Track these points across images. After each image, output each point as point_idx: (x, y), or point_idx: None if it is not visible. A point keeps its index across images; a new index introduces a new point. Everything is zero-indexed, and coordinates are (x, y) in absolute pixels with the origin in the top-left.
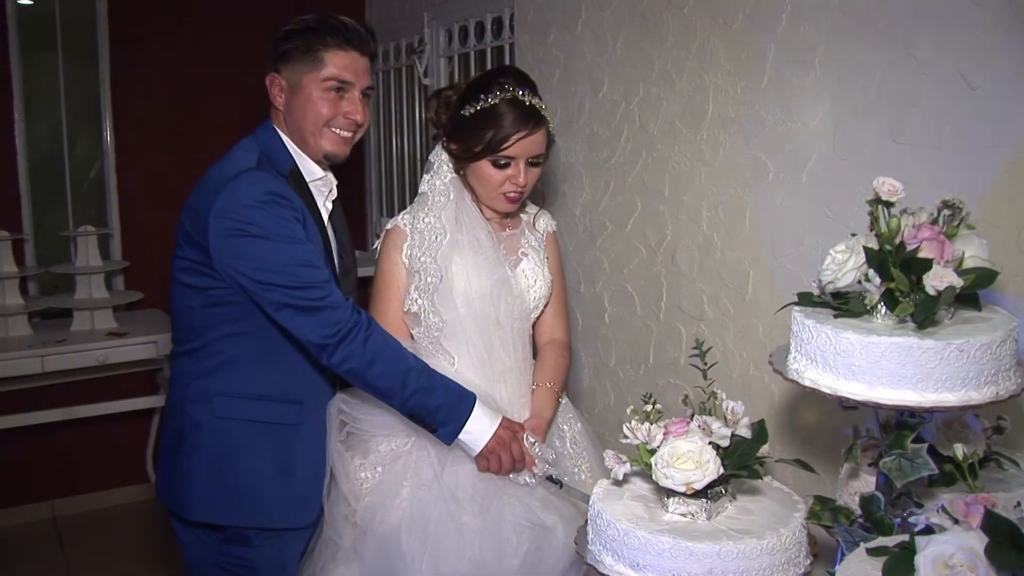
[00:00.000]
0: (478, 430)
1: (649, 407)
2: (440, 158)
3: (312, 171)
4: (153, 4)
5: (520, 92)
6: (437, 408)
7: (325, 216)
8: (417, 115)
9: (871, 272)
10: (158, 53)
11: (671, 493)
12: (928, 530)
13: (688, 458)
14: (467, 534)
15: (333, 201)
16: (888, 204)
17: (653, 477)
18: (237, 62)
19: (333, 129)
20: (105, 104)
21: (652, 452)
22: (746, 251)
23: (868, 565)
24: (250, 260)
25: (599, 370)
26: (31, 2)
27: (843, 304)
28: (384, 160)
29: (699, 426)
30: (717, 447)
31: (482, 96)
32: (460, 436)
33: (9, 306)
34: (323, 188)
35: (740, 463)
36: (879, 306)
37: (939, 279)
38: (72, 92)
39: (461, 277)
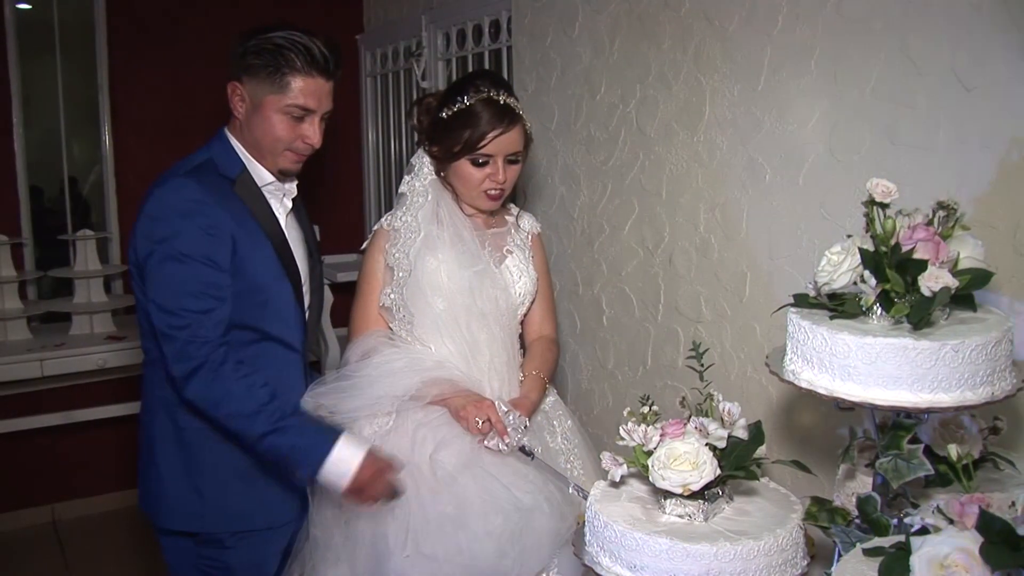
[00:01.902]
0: (338, 470)
1: (646, 409)
2: (421, 160)
3: (262, 176)
4: (151, 7)
5: (495, 92)
6: (291, 448)
7: (282, 218)
8: None
9: (867, 273)
10: (156, 57)
11: (668, 494)
12: (924, 530)
13: (685, 460)
14: (446, 521)
15: (293, 200)
16: (883, 205)
17: (650, 479)
18: None
19: (290, 151)
20: (103, 108)
21: (649, 454)
22: (743, 253)
23: (864, 566)
24: (153, 277)
25: (597, 372)
26: (29, 6)
27: (839, 305)
28: (382, 163)
29: (696, 428)
30: (714, 448)
31: (459, 98)
32: (319, 477)
33: (8, 310)
34: (276, 192)
35: (737, 464)
36: (875, 307)
37: (934, 280)
38: (70, 96)
39: (439, 272)
